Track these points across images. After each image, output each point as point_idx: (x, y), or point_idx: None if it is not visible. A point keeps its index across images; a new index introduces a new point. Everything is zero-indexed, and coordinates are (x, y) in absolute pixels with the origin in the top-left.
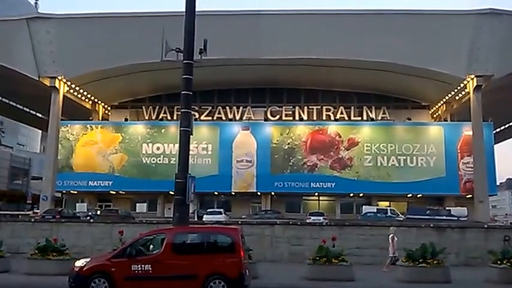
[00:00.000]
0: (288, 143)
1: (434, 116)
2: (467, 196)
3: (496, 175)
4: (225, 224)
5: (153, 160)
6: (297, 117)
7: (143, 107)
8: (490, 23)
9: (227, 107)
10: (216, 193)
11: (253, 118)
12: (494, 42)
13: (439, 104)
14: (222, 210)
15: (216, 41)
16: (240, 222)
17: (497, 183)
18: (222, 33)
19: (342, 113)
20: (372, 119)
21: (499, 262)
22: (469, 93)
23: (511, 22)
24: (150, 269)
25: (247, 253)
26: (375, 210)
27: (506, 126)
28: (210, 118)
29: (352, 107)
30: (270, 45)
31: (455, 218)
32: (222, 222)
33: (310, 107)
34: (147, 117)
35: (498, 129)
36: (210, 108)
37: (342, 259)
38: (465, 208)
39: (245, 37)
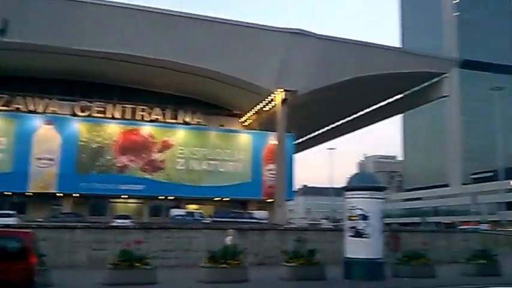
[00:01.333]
0: (97, 142)
1: (245, 124)
2: (268, 200)
3: (293, 182)
4: (17, 228)
5: None
6: (109, 115)
7: None
8: (299, 42)
9: (28, 97)
10: (8, 193)
11: (58, 112)
12: (301, 61)
13: (250, 113)
14: (13, 212)
15: (23, 23)
16: (34, 226)
17: (295, 189)
18: (31, 15)
19: (157, 114)
20: (187, 123)
21: (290, 261)
22: (276, 105)
23: (317, 44)
24: None
25: (41, 259)
26: (183, 213)
27: (305, 138)
28: (6, 108)
29: (168, 109)
30: (87, 36)
31: (257, 221)
32: (13, 225)
33: (124, 105)
34: None
35: (299, 141)
36: (7, 96)
37: (145, 262)
38: (266, 211)
39: (59, 23)
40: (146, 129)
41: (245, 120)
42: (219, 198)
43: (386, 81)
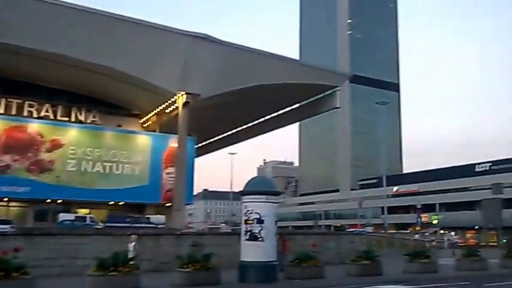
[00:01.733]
0: None
1: (145, 125)
2: (167, 204)
3: (193, 186)
4: None
5: None
6: None
7: None
8: (203, 46)
9: None
10: None
11: None
12: (205, 65)
13: (150, 115)
14: None
15: None
16: None
17: (195, 194)
18: None
19: (47, 111)
20: (81, 122)
21: (185, 266)
22: (178, 108)
23: (221, 50)
24: None
25: None
26: (73, 218)
27: (207, 142)
28: None
29: (60, 106)
30: None
31: (154, 226)
32: None
33: (9, 99)
34: None
35: (201, 144)
36: None
37: (24, 272)
38: (163, 216)
39: None
40: (34, 127)
41: (145, 122)
42: (114, 202)
43: (286, 91)
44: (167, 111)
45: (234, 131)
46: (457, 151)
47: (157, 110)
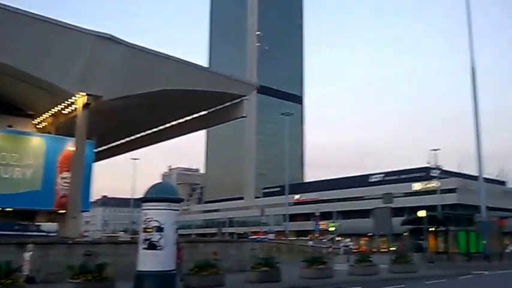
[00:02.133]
0: None
1: (39, 126)
2: (61, 211)
3: (91, 192)
4: None
5: None
6: None
7: None
8: (107, 47)
9: None
10: None
11: None
12: (108, 66)
13: (46, 115)
14: None
15: None
16: None
17: (93, 200)
18: None
19: None
20: None
21: (76, 277)
22: (77, 109)
23: (126, 52)
24: None
25: None
26: None
27: (108, 146)
28: None
29: None
30: None
31: (45, 234)
32: None
33: None
34: None
35: (100, 149)
36: None
37: None
38: (55, 223)
39: None
40: None
41: (39, 123)
42: (0, 209)
43: (194, 97)
44: (65, 112)
45: (139, 135)
46: (355, 162)
47: (54, 110)
